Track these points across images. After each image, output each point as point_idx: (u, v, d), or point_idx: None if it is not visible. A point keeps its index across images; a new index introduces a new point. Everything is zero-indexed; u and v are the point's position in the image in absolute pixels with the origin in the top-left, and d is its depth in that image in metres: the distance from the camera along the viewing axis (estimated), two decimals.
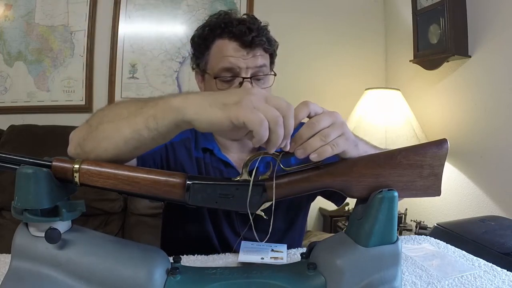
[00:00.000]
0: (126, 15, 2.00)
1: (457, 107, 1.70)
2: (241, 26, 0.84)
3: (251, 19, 0.87)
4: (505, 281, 0.64)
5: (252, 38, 0.83)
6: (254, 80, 0.85)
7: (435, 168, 0.54)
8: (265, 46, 0.86)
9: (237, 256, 0.71)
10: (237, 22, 0.85)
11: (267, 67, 0.88)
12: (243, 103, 0.47)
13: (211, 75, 0.86)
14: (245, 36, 0.83)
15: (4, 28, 1.93)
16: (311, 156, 0.51)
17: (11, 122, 1.84)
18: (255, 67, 0.85)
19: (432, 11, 1.69)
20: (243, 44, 0.83)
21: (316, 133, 0.52)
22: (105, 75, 2.00)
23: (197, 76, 0.95)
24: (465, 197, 1.64)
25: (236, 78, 0.84)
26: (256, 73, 0.85)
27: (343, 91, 2.14)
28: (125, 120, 0.53)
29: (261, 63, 0.85)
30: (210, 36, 0.87)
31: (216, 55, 0.86)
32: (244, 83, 0.84)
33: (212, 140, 0.93)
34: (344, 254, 0.53)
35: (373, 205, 0.52)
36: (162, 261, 0.53)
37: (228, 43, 0.84)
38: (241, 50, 0.84)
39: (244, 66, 0.83)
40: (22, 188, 0.46)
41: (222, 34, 0.85)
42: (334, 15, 2.19)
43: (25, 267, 0.47)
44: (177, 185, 0.51)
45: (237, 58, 0.83)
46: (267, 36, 0.88)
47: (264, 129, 0.46)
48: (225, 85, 0.85)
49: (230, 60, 0.83)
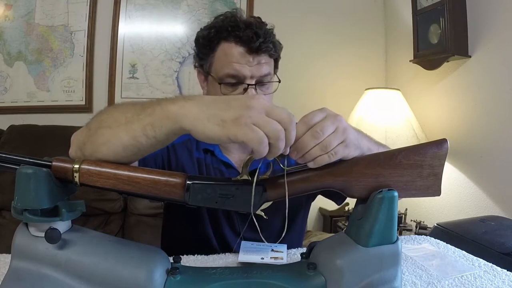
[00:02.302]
0: (126, 15, 2.00)
1: (457, 107, 1.70)
2: (248, 31, 0.82)
3: (258, 23, 0.86)
4: (505, 281, 0.64)
5: (259, 44, 0.82)
6: (258, 86, 0.85)
7: (435, 168, 0.54)
8: (271, 52, 0.86)
9: (237, 256, 0.71)
10: (244, 26, 0.83)
11: (271, 75, 0.88)
12: (242, 120, 0.46)
13: (215, 78, 0.86)
14: (252, 42, 0.82)
15: (4, 28, 1.93)
16: (308, 164, 0.52)
17: (11, 122, 1.84)
18: (259, 76, 0.84)
19: (432, 11, 1.69)
20: (250, 50, 0.82)
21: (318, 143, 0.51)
22: (105, 75, 2.00)
23: (199, 75, 0.95)
24: (465, 197, 1.64)
25: (241, 84, 0.84)
26: (260, 80, 0.85)
27: (343, 91, 2.14)
28: (123, 126, 0.52)
29: (265, 72, 0.85)
30: (215, 38, 0.85)
31: (221, 59, 0.85)
32: (248, 89, 0.83)
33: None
34: (344, 254, 0.53)
35: (373, 205, 0.52)
36: (162, 261, 0.53)
37: (234, 47, 0.83)
38: (247, 56, 0.83)
39: (249, 74, 0.83)
40: (22, 188, 0.46)
41: (228, 37, 0.84)
42: (334, 15, 2.19)
43: (25, 267, 0.47)
44: (177, 185, 0.51)
45: (243, 65, 0.82)
46: (273, 41, 0.87)
47: (264, 147, 0.46)
48: (230, 89, 0.85)
49: (236, 67, 0.82)
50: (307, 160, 0.52)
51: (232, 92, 0.85)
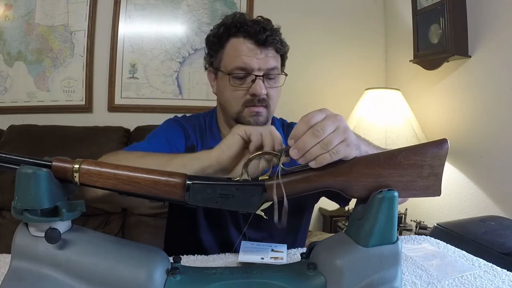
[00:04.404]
0: (126, 15, 2.00)
1: (457, 107, 1.70)
2: (255, 26, 0.87)
3: (265, 20, 0.91)
4: (505, 281, 0.64)
5: (266, 37, 0.86)
6: (266, 79, 0.88)
7: (435, 168, 0.54)
8: (278, 45, 0.90)
9: (237, 256, 0.71)
10: (251, 23, 0.88)
11: (278, 69, 0.91)
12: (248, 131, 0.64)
13: (225, 72, 0.89)
14: (260, 34, 0.86)
15: (4, 28, 1.93)
16: (309, 163, 0.52)
17: (11, 122, 1.84)
18: (266, 69, 0.88)
19: (432, 11, 1.69)
20: (257, 42, 0.87)
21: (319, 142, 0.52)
22: (105, 75, 2.00)
23: (209, 75, 0.98)
24: (465, 197, 1.64)
25: (249, 75, 0.87)
26: (267, 73, 0.88)
27: (343, 91, 2.14)
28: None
29: (272, 65, 0.88)
30: (225, 34, 0.90)
31: (231, 54, 0.89)
32: (256, 80, 0.86)
33: (220, 138, 0.95)
34: (344, 254, 0.53)
35: (373, 205, 0.52)
36: (162, 261, 0.53)
37: (242, 41, 0.87)
38: (255, 49, 0.87)
39: (257, 66, 0.87)
40: (22, 188, 0.46)
41: (237, 33, 0.88)
42: (334, 15, 2.19)
43: (25, 267, 0.47)
44: (177, 185, 0.51)
45: (251, 57, 0.86)
46: (279, 37, 0.91)
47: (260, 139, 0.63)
48: (238, 81, 0.88)
49: (244, 60, 0.86)
50: (308, 159, 0.52)
51: (241, 85, 0.88)
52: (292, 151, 0.52)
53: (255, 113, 0.88)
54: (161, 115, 1.98)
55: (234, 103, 0.89)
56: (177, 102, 2.05)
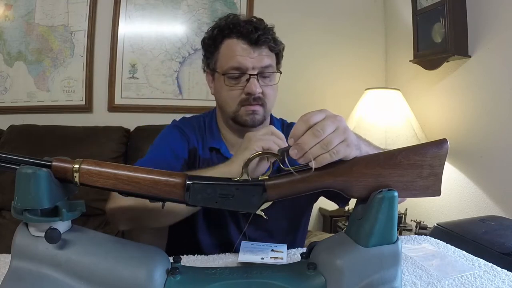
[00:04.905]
0: (126, 15, 2.00)
1: (457, 107, 1.70)
2: (248, 26, 0.88)
3: (257, 20, 0.92)
4: (505, 281, 0.64)
5: (258, 36, 0.87)
6: (260, 78, 0.89)
7: (435, 168, 0.53)
8: (271, 44, 0.90)
9: (237, 256, 0.71)
10: (244, 23, 0.89)
11: (273, 67, 0.92)
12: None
13: (220, 73, 0.91)
14: (252, 34, 0.87)
15: (4, 28, 1.93)
16: (309, 163, 0.52)
17: (11, 122, 1.84)
18: (260, 67, 0.89)
19: (432, 11, 1.69)
20: (250, 42, 0.88)
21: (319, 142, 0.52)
22: (105, 75, 2.00)
23: (207, 76, 0.99)
24: (465, 197, 1.64)
25: (244, 75, 0.88)
26: (262, 71, 0.89)
27: (343, 91, 2.14)
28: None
29: (266, 63, 0.89)
30: (219, 36, 0.91)
31: (225, 54, 0.90)
32: (250, 79, 0.87)
33: (220, 138, 0.95)
34: (344, 254, 0.53)
35: (373, 205, 0.52)
36: (162, 261, 0.53)
37: (236, 42, 0.89)
38: (248, 48, 0.88)
39: (251, 66, 0.88)
40: (22, 188, 0.46)
41: (230, 34, 0.90)
42: (334, 15, 2.19)
43: (25, 267, 0.47)
44: (177, 185, 0.51)
45: (245, 57, 0.87)
46: (273, 36, 0.92)
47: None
48: (233, 81, 0.89)
49: (238, 60, 0.87)
50: (308, 159, 0.52)
51: (236, 85, 0.89)
52: (292, 151, 0.52)
53: (251, 112, 0.89)
54: (161, 115, 1.99)
55: (231, 102, 0.90)
56: (177, 102, 2.06)
